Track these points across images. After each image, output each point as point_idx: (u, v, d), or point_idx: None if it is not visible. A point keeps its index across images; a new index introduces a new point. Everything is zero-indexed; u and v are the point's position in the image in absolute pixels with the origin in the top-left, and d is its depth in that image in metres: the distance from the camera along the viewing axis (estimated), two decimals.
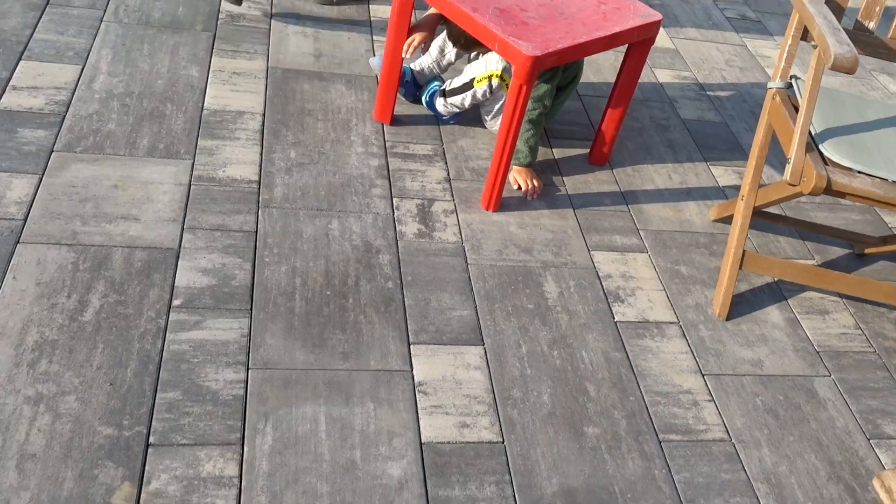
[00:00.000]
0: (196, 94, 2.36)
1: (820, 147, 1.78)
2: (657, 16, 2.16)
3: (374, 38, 2.79)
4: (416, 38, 2.21)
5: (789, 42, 1.95)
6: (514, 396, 1.74)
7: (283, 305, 1.82)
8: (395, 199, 2.16)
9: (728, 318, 2.04)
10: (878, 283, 2.02)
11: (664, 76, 2.96)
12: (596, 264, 2.11)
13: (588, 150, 2.49)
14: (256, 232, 1.98)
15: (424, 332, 1.84)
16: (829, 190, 1.67)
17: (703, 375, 1.88)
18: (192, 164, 2.12)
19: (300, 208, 2.07)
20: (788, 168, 1.71)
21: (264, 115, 2.34)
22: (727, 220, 2.32)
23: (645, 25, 2.12)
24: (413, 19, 2.09)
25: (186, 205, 2.00)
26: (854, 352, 2.03)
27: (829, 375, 1.95)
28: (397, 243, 2.04)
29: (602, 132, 2.38)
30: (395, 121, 2.43)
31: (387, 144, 2.34)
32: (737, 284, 2.13)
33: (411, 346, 1.80)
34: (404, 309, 1.88)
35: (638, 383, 1.84)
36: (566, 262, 2.10)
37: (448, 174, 2.29)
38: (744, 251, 2.02)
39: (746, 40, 3.33)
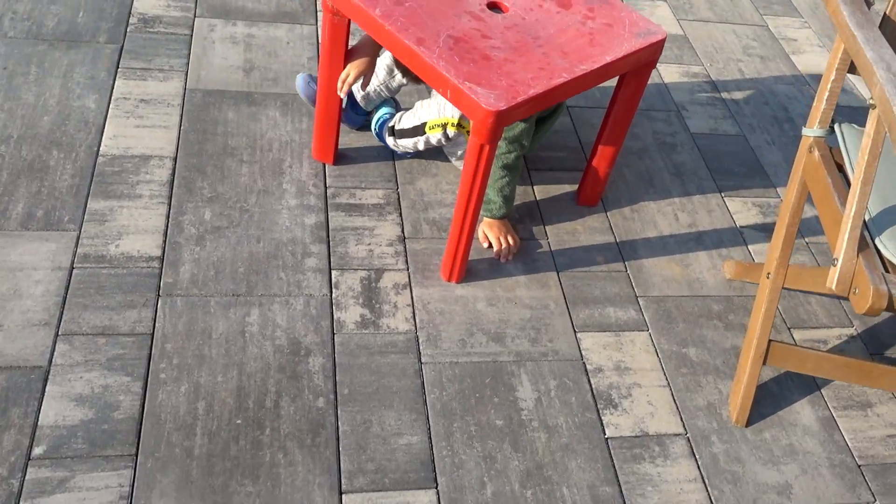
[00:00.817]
0: (91, 133, 1.91)
1: (876, 241, 1.34)
2: (660, 33, 1.69)
3: (321, 41, 2.31)
4: (352, 72, 1.74)
5: (832, 78, 1.49)
6: None
7: (178, 445, 1.42)
8: (333, 273, 1.74)
9: (748, 424, 1.64)
10: None
11: (670, 74, 2.48)
12: (584, 352, 1.70)
13: (576, 187, 2.04)
14: (153, 335, 1.56)
15: (361, 473, 1.44)
16: (890, 308, 1.24)
17: None
18: (78, 238, 1.69)
19: (211, 294, 1.65)
20: (834, 274, 1.28)
21: (175, 159, 1.89)
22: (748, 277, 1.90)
23: (645, 48, 1.65)
24: (351, 40, 1.70)
25: (65, 299, 1.58)
26: None
27: (875, 502, 1.56)
28: (333, 339, 1.62)
29: (593, 168, 1.93)
30: (340, 157, 1.98)
31: (327, 192, 1.90)
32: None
33: (343, 497, 1.41)
34: (337, 439, 1.48)
35: None
36: (546, 351, 1.68)
37: (402, 231, 1.86)
38: (769, 341, 1.60)
39: (768, 19, 2.82)
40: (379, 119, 1.96)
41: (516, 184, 1.85)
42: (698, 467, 1.55)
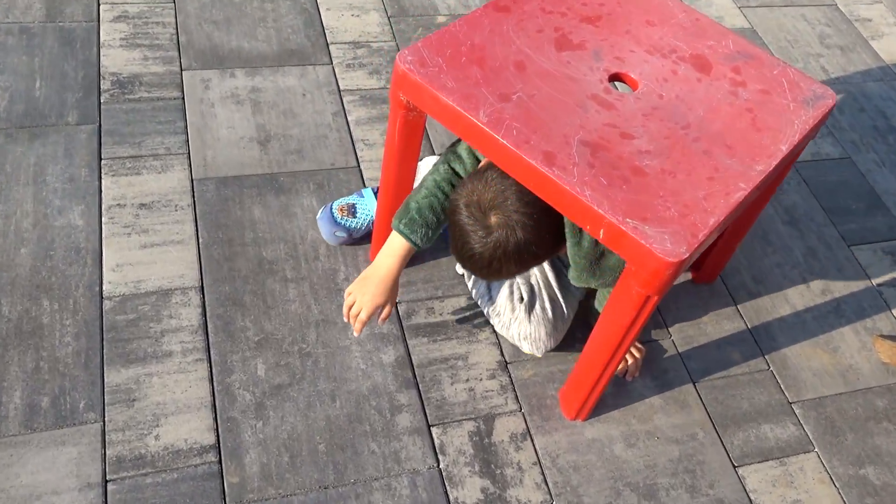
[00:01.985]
0: (87, 266, 1.47)
1: None
2: (829, 96, 1.32)
3: (343, 86, 1.86)
4: (366, 307, 1.31)
5: None
6: None
7: None
8: (434, 432, 1.37)
9: None
10: None
11: None
12: (752, 497, 1.39)
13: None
14: None
15: None
16: None
17: None
18: (104, 433, 1.28)
19: (293, 492, 1.27)
20: None
21: (202, 289, 1.47)
22: None
23: (819, 122, 1.29)
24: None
25: None
26: None
27: None
28: None
29: (719, 243, 1.59)
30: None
31: (400, 312, 1.51)
32: None
33: None
34: None
35: None
36: (710, 499, 1.37)
37: (501, 353, 1.49)
38: None
39: None
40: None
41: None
42: None
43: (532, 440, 1.39)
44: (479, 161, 1.31)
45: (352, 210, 1.55)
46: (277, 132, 1.75)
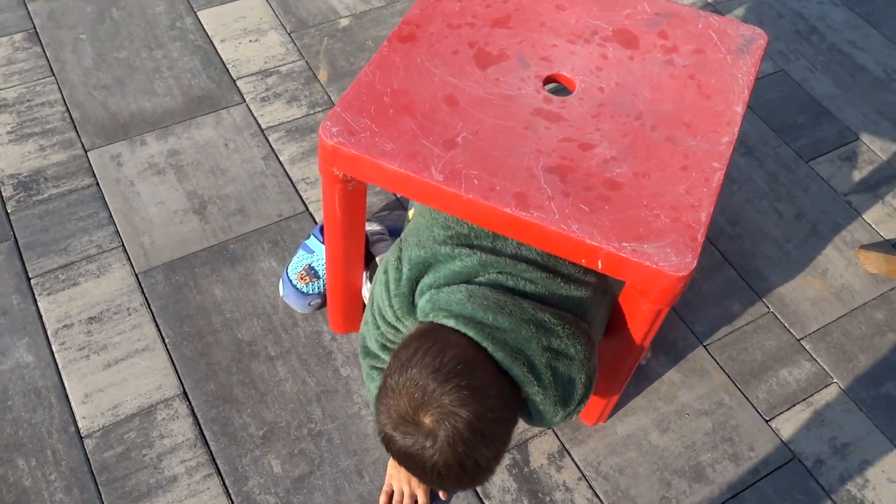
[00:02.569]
0: (52, 406, 1.33)
1: None
2: (759, 35, 1.26)
3: (264, 124, 1.73)
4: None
5: None
6: None
7: None
8: None
9: None
10: None
11: None
12: (790, 446, 1.39)
13: None
14: None
15: None
16: None
17: None
18: None
19: None
20: None
21: (187, 395, 1.36)
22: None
23: (757, 66, 1.23)
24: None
25: None
26: None
27: None
28: None
29: None
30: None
31: None
32: None
33: None
34: None
35: None
36: (756, 467, 1.36)
37: None
38: None
39: None
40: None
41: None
42: None
43: (570, 455, 1.35)
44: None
45: (312, 272, 1.43)
46: (211, 195, 1.61)
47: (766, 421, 1.42)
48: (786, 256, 1.63)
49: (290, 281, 1.43)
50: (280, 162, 1.67)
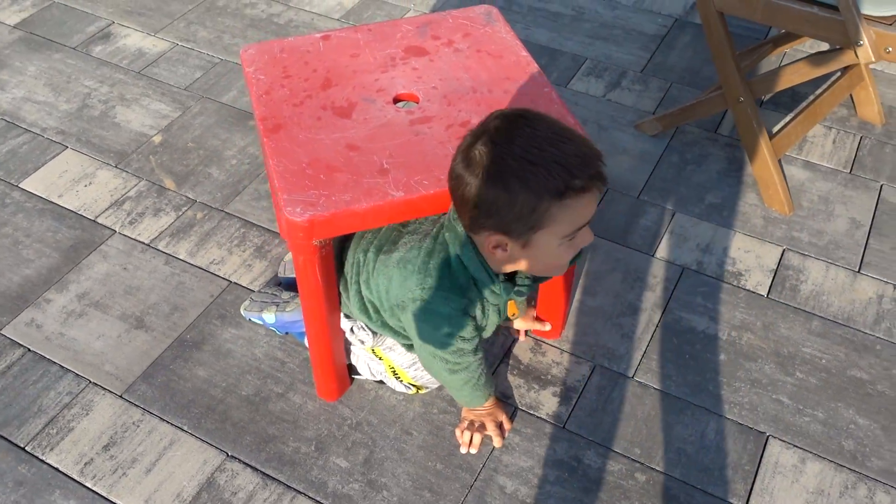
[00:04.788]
0: None
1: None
2: (489, 6, 1.64)
3: (146, 239, 1.85)
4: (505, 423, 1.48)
5: None
6: None
7: None
8: None
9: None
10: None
11: None
12: (678, 263, 1.81)
13: None
14: None
15: None
16: None
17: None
18: None
19: None
20: (866, 49, 1.55)
21: (234, 455, 1.47)
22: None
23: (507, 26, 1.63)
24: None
25: None
26: None
27: None
28: None
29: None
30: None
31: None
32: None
33: None
34: None
35: None
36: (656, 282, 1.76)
37: None
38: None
39: None
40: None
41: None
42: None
43: (543, 341, 1.66)
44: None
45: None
46: (142, 309, 1.72)
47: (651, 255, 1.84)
48: None
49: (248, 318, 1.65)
50: (181, 259, 1.82)
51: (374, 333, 1.48)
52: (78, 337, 1.67)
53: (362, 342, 1.49)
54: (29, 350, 1.65)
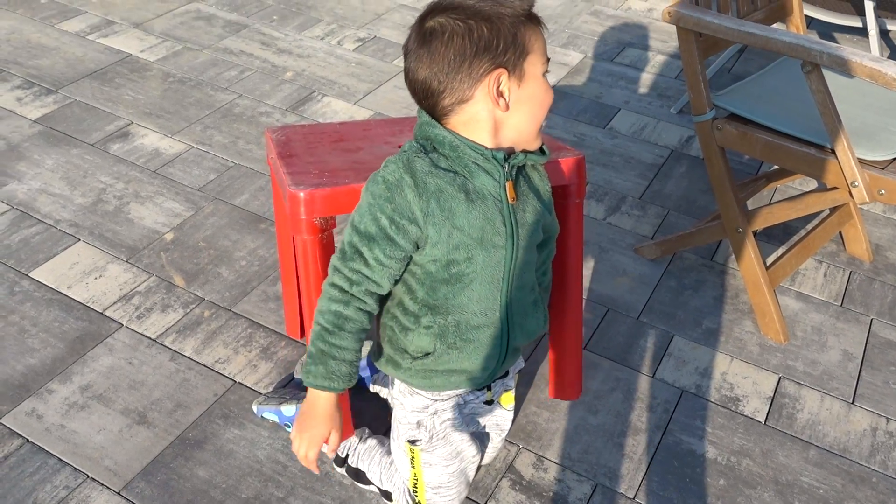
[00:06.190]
0: None
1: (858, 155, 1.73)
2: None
3: (152, 335, 1.86)
4: (314, 445, 1.28)
5: (699, 69, 1.82)
6: None
7: None
8: None
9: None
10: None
11: None
12: (678, 385, 1.84)
13: None
14: None
15: None
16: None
17: None
18: None
19: None
20: (861, 190, 1.65)
21: None
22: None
23: None
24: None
25: None
26: None
27: None
28: None
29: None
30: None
31: None
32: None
33: None
34: None
35: None
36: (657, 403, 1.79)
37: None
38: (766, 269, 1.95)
39: None
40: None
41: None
42: None
43: (547, 458, 1.66)
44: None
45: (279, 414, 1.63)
46: (144, 405, 1.71)
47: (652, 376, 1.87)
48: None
49: (261, 414, 1.65)
50: (187, 357, 1.83)
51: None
52: (79, 429, 1.65)
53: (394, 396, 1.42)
54: (28, 441, 1.63)
